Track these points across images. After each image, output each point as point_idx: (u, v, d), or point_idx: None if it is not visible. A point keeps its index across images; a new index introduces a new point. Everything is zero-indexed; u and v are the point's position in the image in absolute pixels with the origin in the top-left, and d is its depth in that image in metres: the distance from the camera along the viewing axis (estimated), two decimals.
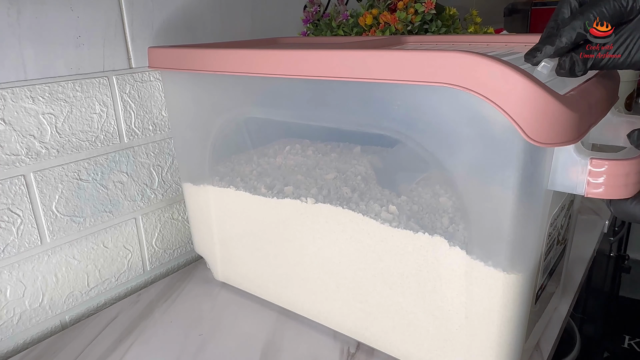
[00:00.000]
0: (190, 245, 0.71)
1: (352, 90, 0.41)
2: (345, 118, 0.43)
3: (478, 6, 1.46)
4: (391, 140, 0.40)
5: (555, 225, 0.42)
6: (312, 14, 0.76)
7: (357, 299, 0.47)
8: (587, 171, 0.33)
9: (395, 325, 0.45)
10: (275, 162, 0.53)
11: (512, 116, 0.31)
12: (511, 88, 0.31)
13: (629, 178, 0.32)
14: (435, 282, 0.41)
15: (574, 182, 0.34)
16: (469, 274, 0.39)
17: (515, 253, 0.37)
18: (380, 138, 0.41)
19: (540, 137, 0.31)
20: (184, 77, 0.55)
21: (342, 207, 0.45)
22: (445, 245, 0.40)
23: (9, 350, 0.53)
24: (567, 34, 0.33)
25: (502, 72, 0.31)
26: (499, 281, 0.37)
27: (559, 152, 0.34)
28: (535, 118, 0.30)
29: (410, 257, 0.42)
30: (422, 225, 0.41)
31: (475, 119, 0.34)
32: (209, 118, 0.54)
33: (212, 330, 0.53)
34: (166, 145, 0.65)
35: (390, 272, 0.44)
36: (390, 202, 0.44)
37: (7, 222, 0.51)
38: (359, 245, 0.45)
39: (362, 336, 0.49)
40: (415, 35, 0.63)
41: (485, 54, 0.32)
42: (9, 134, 0.50)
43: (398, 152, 0.42)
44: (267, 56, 0.43)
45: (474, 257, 0.38)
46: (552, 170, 0.35)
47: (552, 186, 0.35)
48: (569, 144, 0.31)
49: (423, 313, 0.43)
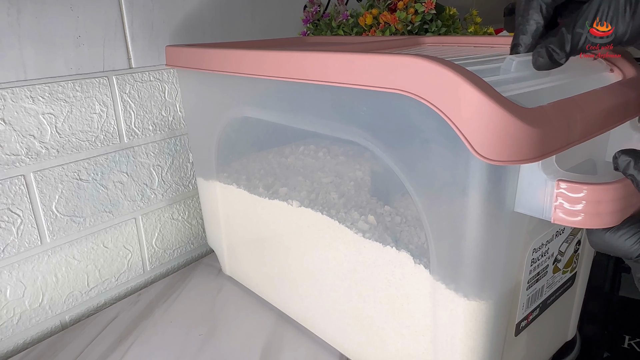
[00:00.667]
0: (191, 245, 0.72)
1: (324, 94, 0.40)
2: (319, 122, 0.42)
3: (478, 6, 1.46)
4: (360, 148, 0.38)
5: (545, 252, 0.38)
6: (312, 14, 0.76)
7: (337, 309, 0.47)
8: (554, 194, 0.29)
9: (370, 340, 0.44)
10: (287, 162, 0.53)
11: (459, 128, 0.28)
12: (460, 98, 0.28)
13: (602, 206, 0.28)
14: (403, 300, 0.39)
15: (540, 206, 0.30)
16: (433, 295, 0.36)
17: (478, 278, 0.33)
18: (351, 144, 0.40)
19: (491, 153, 0.27)
20: (195, 75, 0.56)
21: (322, 213, 0.45)
22: (410, 262, 0.38)
23: (9, 350, 0.53)
24: (531, 15, 0.30)
25: (451, 80, 0.28)
26: (460, 307, 0.34)
27: (524, 171, 0.30)
28: (484, 132, 0.27)
29: (380, 271, 0.40)
30: (394, 239, 0.39)
31: (433, 130, 0.32)
32: (215, 115, 0.55)
33: (212, 330, 0.53)
34: (166, 145, 0.65)
35: (363, 284, 0.42)
36: (372, 211, 0.42)
37: (7, 222, 0.51)
38: (336, 254, 0.44)
39: (342, 347, 0.49)
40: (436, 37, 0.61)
41: (440, 58, 0.29)
42: (9, 134, 0.50)
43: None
44: (250, 57, 0.43)
45: (437, 278, 0.36)
46: (518, 190, 0.31)
47: (520, 208, 0.31)
48: (526, 162, 0.27)
49: (393, 330, 0.41)
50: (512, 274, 0.35)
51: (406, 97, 0.31)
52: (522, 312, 0.39)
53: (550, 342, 0.48)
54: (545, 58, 0.30)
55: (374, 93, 0.34)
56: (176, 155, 0.67)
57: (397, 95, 0.31)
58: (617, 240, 0.29)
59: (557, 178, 0.29)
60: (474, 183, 0.30)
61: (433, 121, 0.31)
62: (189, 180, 0.69)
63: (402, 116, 0.34)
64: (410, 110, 0.33)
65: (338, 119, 0.40)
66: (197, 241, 0.72)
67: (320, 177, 0.49)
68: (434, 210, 0.35)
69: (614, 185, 0.28)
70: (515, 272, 0.36)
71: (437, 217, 0.34)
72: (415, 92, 0.30)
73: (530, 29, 0.31)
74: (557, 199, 0.29)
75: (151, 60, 0.61)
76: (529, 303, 0.39)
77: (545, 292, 0.41)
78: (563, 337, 0.50)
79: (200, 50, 0.51)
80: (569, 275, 0.44)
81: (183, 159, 0.68)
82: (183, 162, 0.68)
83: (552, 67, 0.31)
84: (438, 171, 0.33)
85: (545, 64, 0.30)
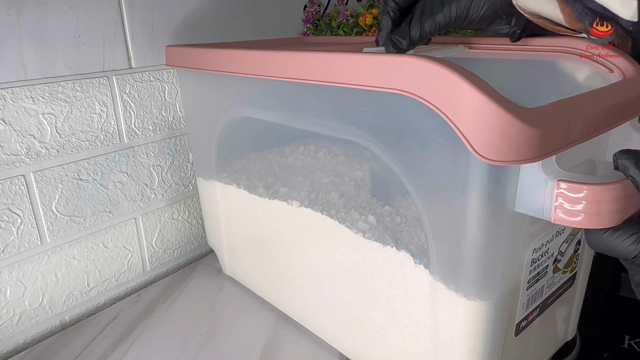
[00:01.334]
0: (191, 245, 0.72)
1: (324, 94, 0.40)
2: (319, 122, 0.42)
3: None
4: (360, 148, 0.38)
5: (545, 252, 0.38)
6: (312, 14, 0.76)
7: (337, 309, 0.47)
8: (554, 194, 0.28)
9: (369, 340, 0.44)
10: (287, 162, 0.53)
11: (459, 128, 0.28)
12: (460, 98, 0.27)
13: (602, 206, 0.27)
14: (403, 300, 0.39)
15: (540, 206, 0.30)
16: (433, 295, 0.36)
17: (478, 278, 0.33)
18: (351, 144, 0.40)
19: (491, 153, 0.27)
20: (195, 75, 0.56)
21: (322, 213, 0.45)
22: (410, 262, 0.38)
23: (9, 350, 0.53)
24: (384, 18, 0.38)
25: (451, 80, 0.28)
26: (460, 307, 0.34)
27: (524, 171, 0.30)
28: (484, 132, 0.27)
29: (380, 271, 0.40)
30: (394, 239, 0.39)
31: (433, 130, 0.32)
32: (215, 115, 0.55)
33: (212, 330, 0.53)
34: (166, 145, 0.65)
35: (364, 284, 0.42)
36: (372, 211, 0.42)
37: (7, 222, 0.51)
38: (336, 254, 0.44)
39: (342, 347, 0.49)
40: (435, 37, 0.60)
41: (440, 58, 0.29)
42: (9, 134, 0.50)
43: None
44: (250, 57, 0.43)
45: (437, 278, 0.35)
46: (518, 191, 0.31)
47: (520, 208, 0.31)
48: (526, 162, 0.27)
49: (393, 331, 0.41)
50: (512, 274, 0.35)
51: (406, 97, 0.31)
52: (522, 312, 0.39)
53: (550, 342, 0.48)
54: (391, 47, 0.37)
55: (374, 93, 0.34)
56: (176, 155, 0.67)
57: (397, 96, 0.31)
58: (615, 240, 0.29)
59: (557, 178, 0.28)
60: (474, 183, 0.30)
61: (433, 121, 0.31)
62: (189, 180, 0.69)
63: (402, 116, 0.34)
64: (410, 110, 0.33)
65: (338, 119, 0.40)
66: (197, 241, 0.72)
67: (320, 177, 0.49)
68: (434, 210, 0.34)
69: (614, 186, 0.27)
70: (515, 272, 0.36)
71: (437, 217, 0.34)
72: (415, 92, 0.30)
73: (383, 27, 0.39)
74: (557, 199, 0.28)
75: (151, 60, 0.61)
76: (529, 303, 0.39)
77: (545, 292, 0.41)
78: (563, 337, 0.50)
79: (200, 50, 0.51)
80: (569, 276, 0.44)
81: (183, 159, 0.68)
82: (183, 162, 0.68)
83: (400, 52, 0.37)
84: (438, 171, 0.33)
85: (393, 51, 0.38)
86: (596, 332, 0.65)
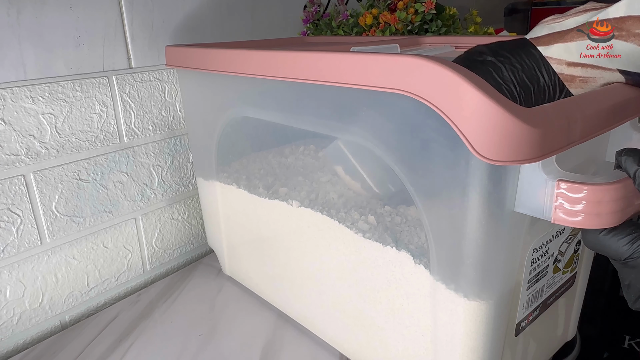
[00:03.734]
0: (190, 245, 0.72)
1: (324, 94, 0.40)
2: (319, 122, 0.42)
3: (478, 6, 1.46)
4: (361, 148, 0.38)
5: (545, 252, 0.38)
6: (312, 14, 0.76)
7: (337, 309, 0.47)
8: (554, 194, 0.28)
9: (370, 340, 0.44)
10: (287, 162, 0.53)
11: (459, 128, 0.28)
12: (460, 98, 0.27)
13: (602, 206, 0.27)
14: (403, 300, 0.39)
15: (540, 206, 0.30)
16: (433, 295, 0.36)
17: (478, 278, 0.33)
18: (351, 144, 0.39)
19: (491, 153, 0.27)
20: (195, 75, 0.56)
21: (322, 213, 0.45)
22: (410, 262, 0.38)
23: (9, 350, 0.53)
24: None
25: (451, 80, 0.28)
26: (460, 307, 0.34)
27: (524, 171, 0.30)
28: (485, 132, 0.27)
29: (380, 271, 0.40)
30: (394, 239, 0.39)
31: (434, 130, 0.32)
32: (215, 115, 0.55)
33: (212, 330, 0.53)
34: (166, 145, 0.65)
35: (364, 284, 0.42)
36: (372, 211, 0.42)
37: (7, 222, 0.51)
38: (336, 254, 0.44)
39: (342, 347, 0.49)
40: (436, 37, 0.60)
41: (440, 58, 0.29)
42: (9, 134, 0.50)
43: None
44: (250, 57, 0.43)
45: (437, 278, 0.36)
46: (518, 191, 0.31)
47: (520, 208, 0.31)
48: (526, 162, 0.27)
49: (393, 331, 0.41)
50: (512, 274, 0.35)
51: (407, 97, 0.31)
52: (522, 312, 0.39)
53: (551, 342, 0.48)
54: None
55: (374, 93, 0.34)
56: (176, 155, 0.67)
57: (397, 96, 0.31)
58: (610, 240, 0.29)
59: (557, 178, 0.29)
60: (474, 183, 0.30)
61: (433, 121, 0.31)
62: (189, 180, 0.69)
63: (402, 116, 0.34)
64: (410, 110, 0.33)
65: (338, 119, 0.40)
66: (197, 241, 0.72)
67: (320, 177, 0.49)
68: (434, 210, 0.34)
69: (614, 186, 0.27)
70: (515, 272, 0.36)
71: (437, 217, 0.34)
72: (415, 92, 0.30)
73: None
74: (557, 199, 0.29)
75: (151, 60, 0.61)
76: (529, 303, 0.39)
77: (545, 292, 0.41)
78: (563, 337, 0.50)
79: (200, 50, 0.51)
80: (569, 276, 0.44)
81: (183, 159, 0.68)
82: (183, 162, 0.68)
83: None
84: (438, 171, 0.33)
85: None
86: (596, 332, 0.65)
